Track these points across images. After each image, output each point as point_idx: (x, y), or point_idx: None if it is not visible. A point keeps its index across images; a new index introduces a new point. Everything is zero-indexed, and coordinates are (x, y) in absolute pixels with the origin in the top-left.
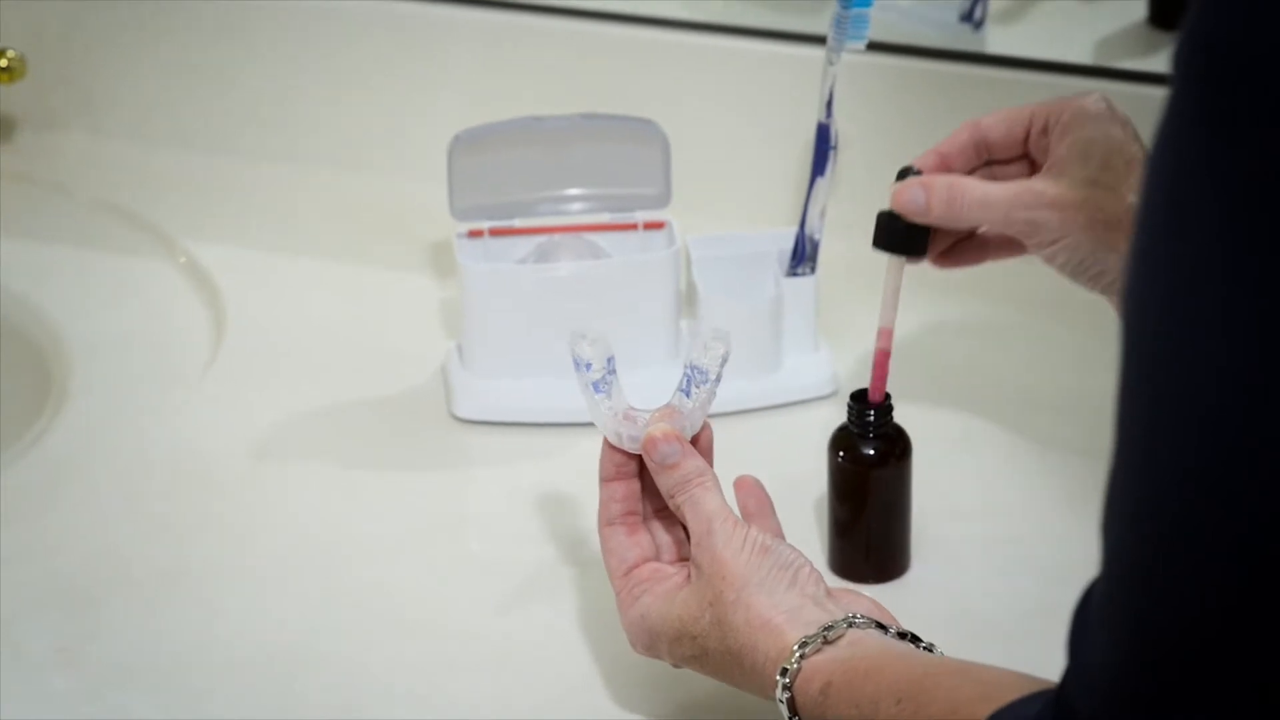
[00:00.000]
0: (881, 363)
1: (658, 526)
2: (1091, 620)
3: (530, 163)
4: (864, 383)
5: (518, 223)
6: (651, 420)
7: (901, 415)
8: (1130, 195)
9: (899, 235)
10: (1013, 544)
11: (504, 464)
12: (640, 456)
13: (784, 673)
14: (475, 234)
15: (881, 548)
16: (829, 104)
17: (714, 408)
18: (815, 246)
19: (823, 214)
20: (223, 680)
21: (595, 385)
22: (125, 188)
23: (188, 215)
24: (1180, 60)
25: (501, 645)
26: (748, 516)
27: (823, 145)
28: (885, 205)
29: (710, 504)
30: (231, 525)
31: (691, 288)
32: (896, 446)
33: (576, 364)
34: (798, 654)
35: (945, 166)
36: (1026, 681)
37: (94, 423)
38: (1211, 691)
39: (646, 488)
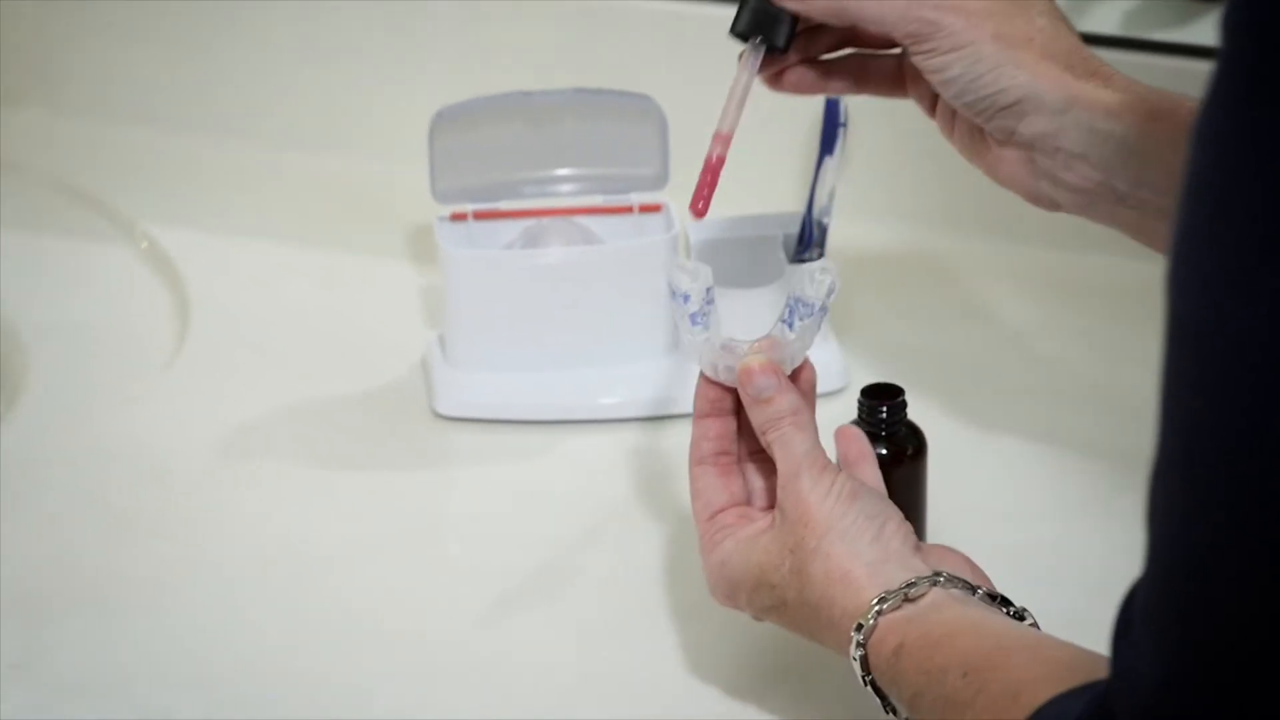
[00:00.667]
0: (712, 171)
1: (752, 470)
2: (1135, 621)
3: (518, 141)
4: (877, 376)
5: (504, 205)
6: (750, 351)
7: (916, 412)
8: (1039, 18)
9: (762, 19)
10: (1039, 552)
11: (488, 464)
12: (737, 392)
13: (859, 628)
14: (458, 217)
15: None
16: None
17: None
18: (823, 231)
19: (831, 196)
20: (187, 696)
21: (693, 317)
22: (83, 167)
23: (150, 197)
24: (1227, 35)
25: (485, 658)
26: (847, 466)
27: (831, 122)
28: (900, 188)
29: (801, 444)
30: (196, 529)
31: None
32: (910, 446)
33: (674, 295)
34: (875, 610)
35: None
36: (1097, 664)
37: (48, 418)
38: (1267, 706)
39: (743, 428)
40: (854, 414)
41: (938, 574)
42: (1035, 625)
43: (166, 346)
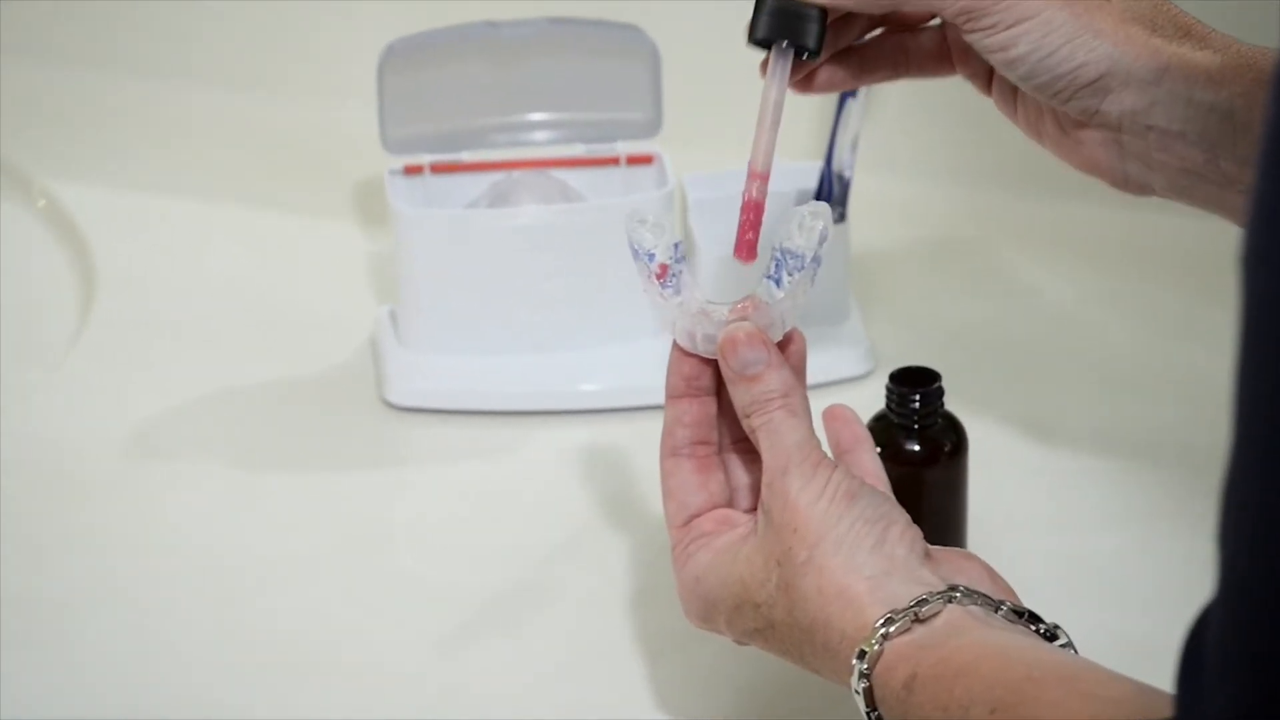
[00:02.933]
0: (751, 214)
1: (735, 463)
2: (1206, 656)
3: (482, 81)
4: (909, 359)
5: (466, 156)
6: (731, 315)
7: (954, 402)
8: None
9: (785, 20)
10: (1091, 563)
11: (448, 462)
12: (717, 365)
13: (861, 656)
14: (413, 170)
15: None
16: None
17: None
18: (845, 186)
19: (854, 146)
20: None
21: (660, 278)
22: None
23: (47, 147)
24: None
25: (442, 691)
26: (840, 454)
27: None
28: (934, 137)
29: (793, 433)
30: (102, 541)
31: (688, 239)
32: (948, 441)
33: (636, 253)
34: (880, 633)
35: None
36: (1144, 699)
37: None
38: None
39: (725, 409)
40: (881, 403)
41: (953, 588)
42: (1070, 645)
43: (68, 325)
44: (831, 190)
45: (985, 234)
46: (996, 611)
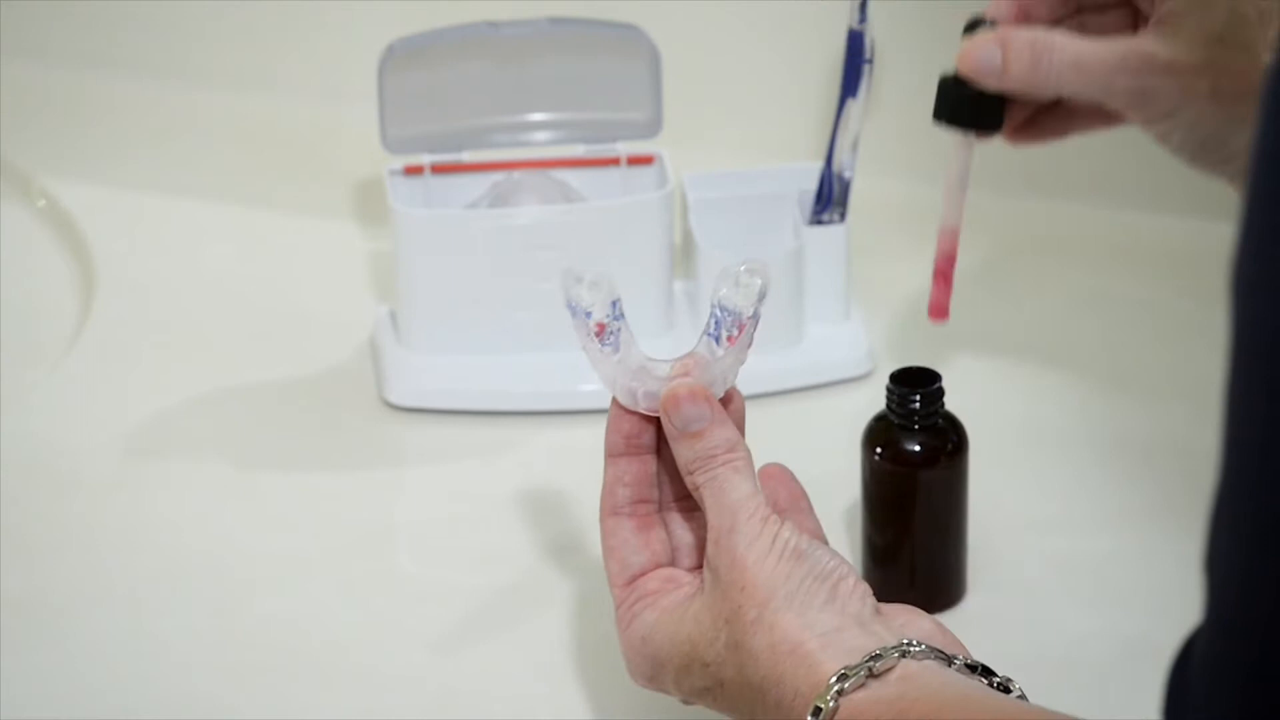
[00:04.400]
0: (944, 272)
1: (677, 521)
2: (1194, 685)
3: (483, 81)
4: (907, 359)
5: (467, 156)
6: (673, 373)
7: (955, 402)
8: (1266, 53)
9: (966, 105)
10: (1091, 563)
11: (448, 462)
12: (659, 422)
13: (816, 713)
14: (413, 171)
15: (929, 569)
16: (863, 5)
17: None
18: (845, 187)
19: (855, 145)
20: None
21: (599, 336)
22: None
23: (47, 147)
24: None
25: (444, 691)
26: (777, 514)
27: (855, 58)
28: (935, 137)
29: (737, 491)
30: (101, 540)
31: (688, 239)
32: (949, 441)
33: (573, 311)
34: (835, 689)
35: (1025, 16)
36: None
37: None
38: None
39: (665, 467)
40: (881, 403)
41: (906, 642)
42: (1023, 697)
43: (66, 324)
44: (831, 190)
45: (985, 234)
46: (950, 665)
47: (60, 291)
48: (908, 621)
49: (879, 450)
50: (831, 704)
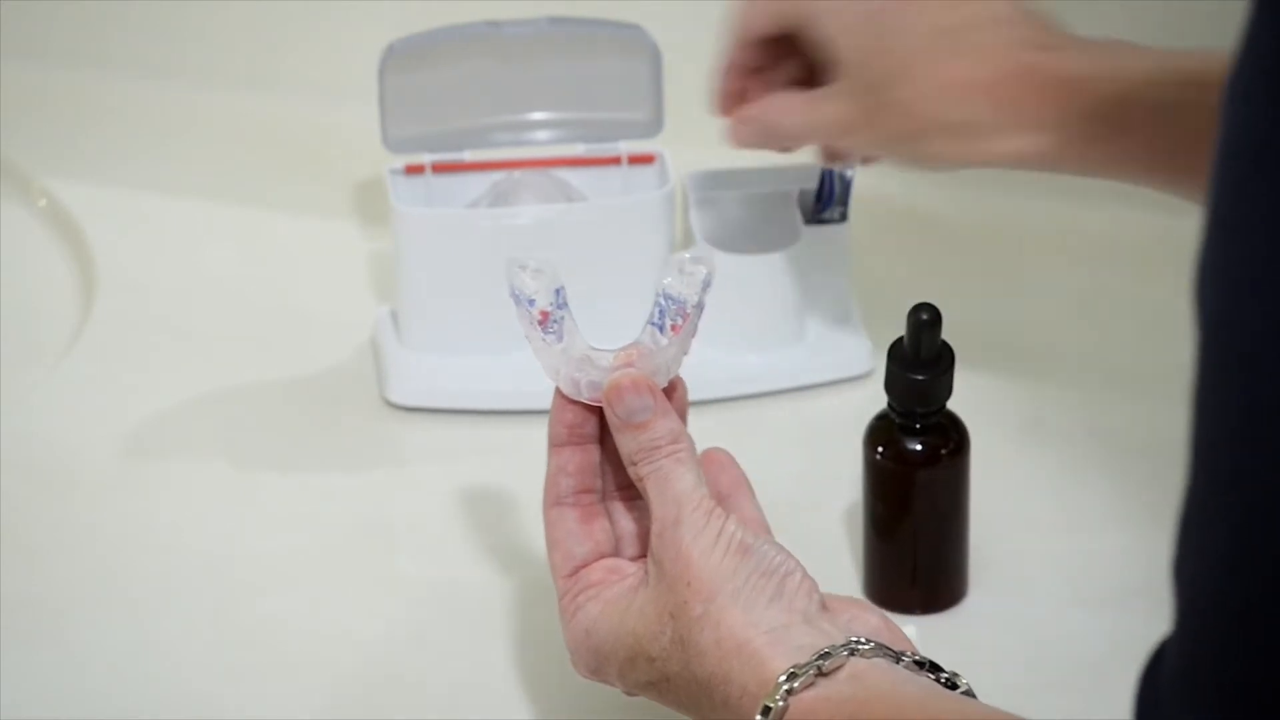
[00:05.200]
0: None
1: (620, 510)
2: (1164, 697)
3: (484, 80)
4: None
5: (468, 156)
6: (616, 363)
7: (958, 401)
8: (911, 86)
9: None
10: (1091, 563)
11: (449, 462)
12: (601, 413)
13: (766, 712)
14: (414, 170)
15: (931, 568)
16: None
17: (717, 390)
18: (847, 186)
19: None
20: None
21: (542, 325)
22: None
23: (47, 147)
24: None
25: (445, 691)
26: (719, 500)
27: None
28: None
29: (682, 482)
30: (101, 540)
31: (689, 238)
32: (950, 440)
33: (517, 299)
34: (784, 688)
35: (745, 79)
36: None
37: None
38: None
39: (609, 458)
40: (882, 403)
41: (854, 640)
42: (970, 693)
43: (67, 324)
44: (833, 190)
45: (986, 234)
46: (898, 662)
47: (60, 291)
48: (854, 617)
49: (880, 449)
50: (781, 703)
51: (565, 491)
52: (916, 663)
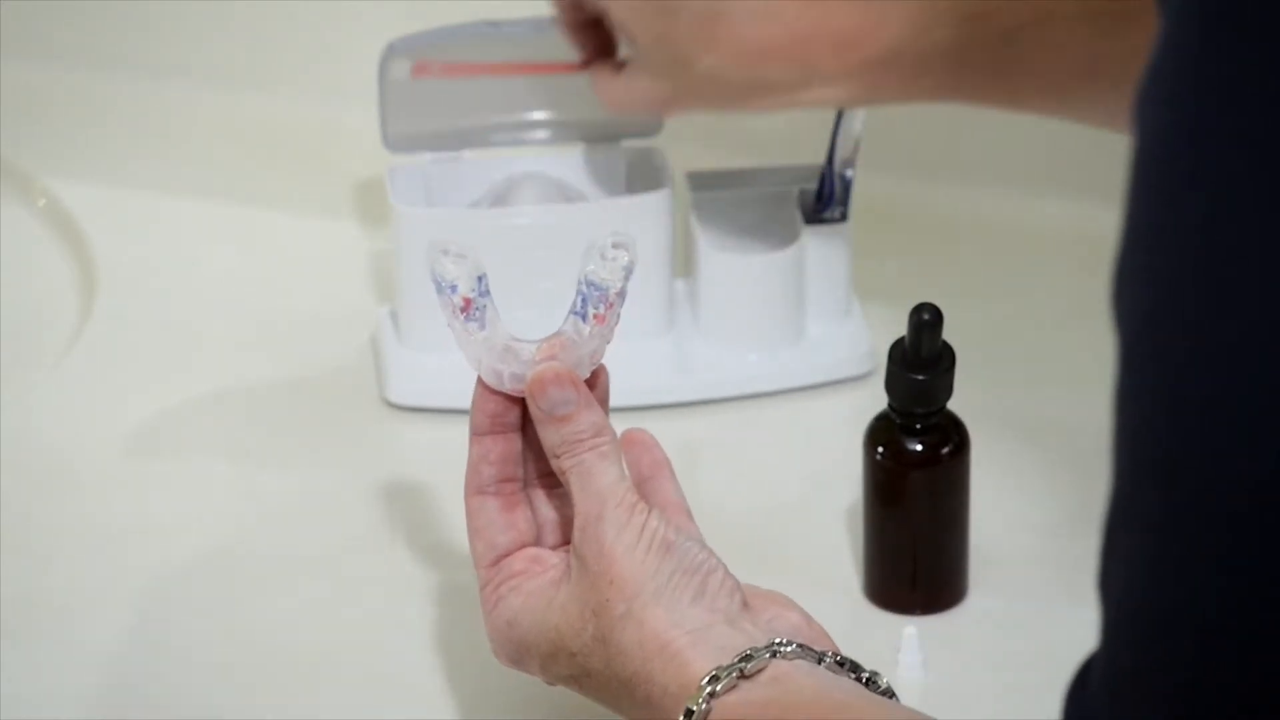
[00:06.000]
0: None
1: (541, 498)
2: (1091, 710)
3: (484, 80)
4: None
5: (468, 156)
6: (539, 355)
7: (958, 401)
8: (709, 57)
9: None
10: (1091, 563)
11: (450, 462)
12: (524, 402)
13: (689, 715)
14: (422, 72)
15: (931, 569)
16: None
17: (717, 390)
18: (847, 186)
19: (857, 144)
20: None
21: (464, 313)
22: None
23: (47, 147)
24: None
25: (445, 691)
26: (641, 482)
27: None
28: (938, 136)
29: (604, 477)
30: (102, 540)
31: (689, 238)
32: (951, 440)
33: (439, 286)
34: (706, 691)
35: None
36: None
37: None
38: None
39: (530, 446)
40: (882, 402)
41: (777, 642)
42: (891, 693)
43: (67, 324)
44: (833, 191)
45: (986, 234)
46: (820, 663)
47: (60, 291)
48: (776, 615)
49: (880, 449)
50: (704, 705)
51: (487, 480)
52: (838, 662)
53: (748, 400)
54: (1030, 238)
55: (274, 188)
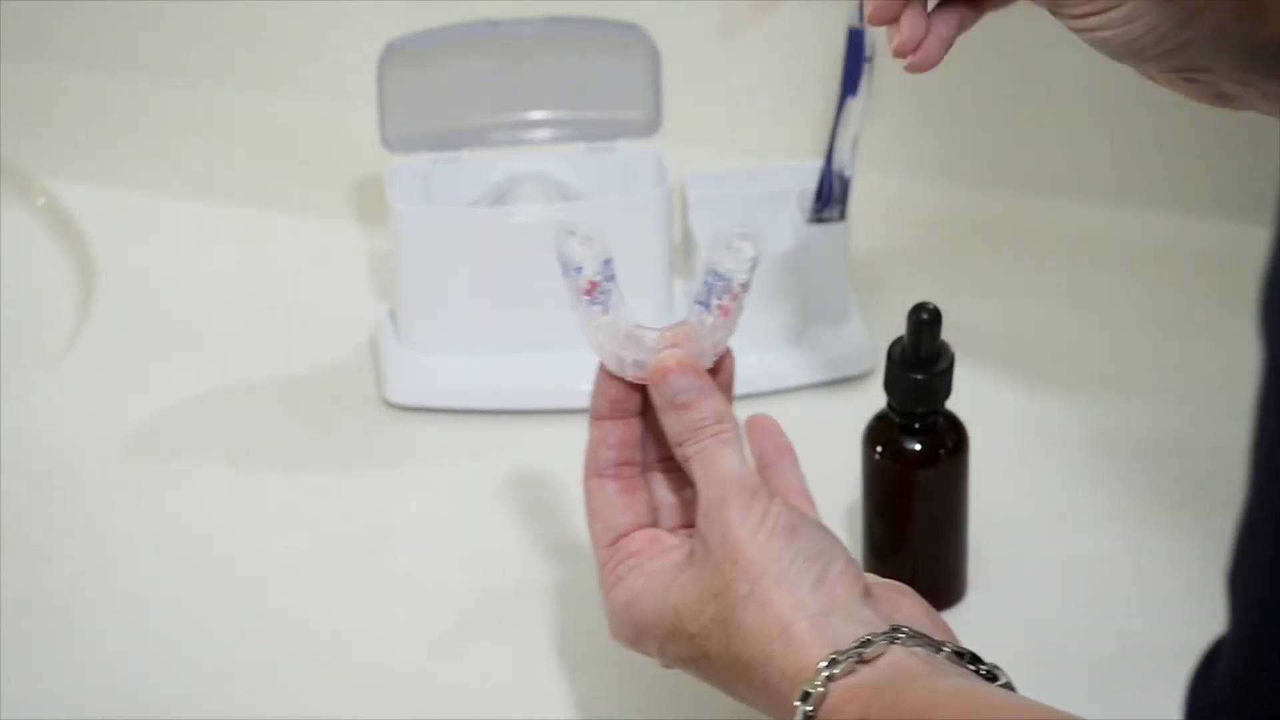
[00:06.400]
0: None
1: (660, 482)
2: (1217, 701)
3: (483, 79)
4: None
5: (467, 155)
6: (663, 343)
7: (957, 401)
8: None
9: None
10: (1096, 565)
11: (449, 461)
12: (644, 388)
13: (805, 697)
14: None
15: (931, 568)
16: (863, 4)
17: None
18: (846, 185)
19: (855, 144)
20: None
21: (589, 295)
22: None
23: (47, 146)
24: None
25: (444, 691)
26: (764, 468)
27: (855, 56)
28: (937, 135)
29: (727, 463)
30: (102, 540)
31: (688, 238)
32: (950, 440)
33: (565, 267)
34: (824, 674)
35: None
36: None
37: None
38: None
39: (650, 430)
40: (882, 402)
41: (896, 629)
42: (1010, 686)
43: (67, 324)
44: (832, 190)
45: (986, 234)
46: (938, 653)
47: (60, 291)
48: (896, 604)
49: (879, 449)
50: (820, 689)
51: (605, 464)
52: (957, 653)
53: (747, 400)
54: (1030, 237)
55: (274, 188)
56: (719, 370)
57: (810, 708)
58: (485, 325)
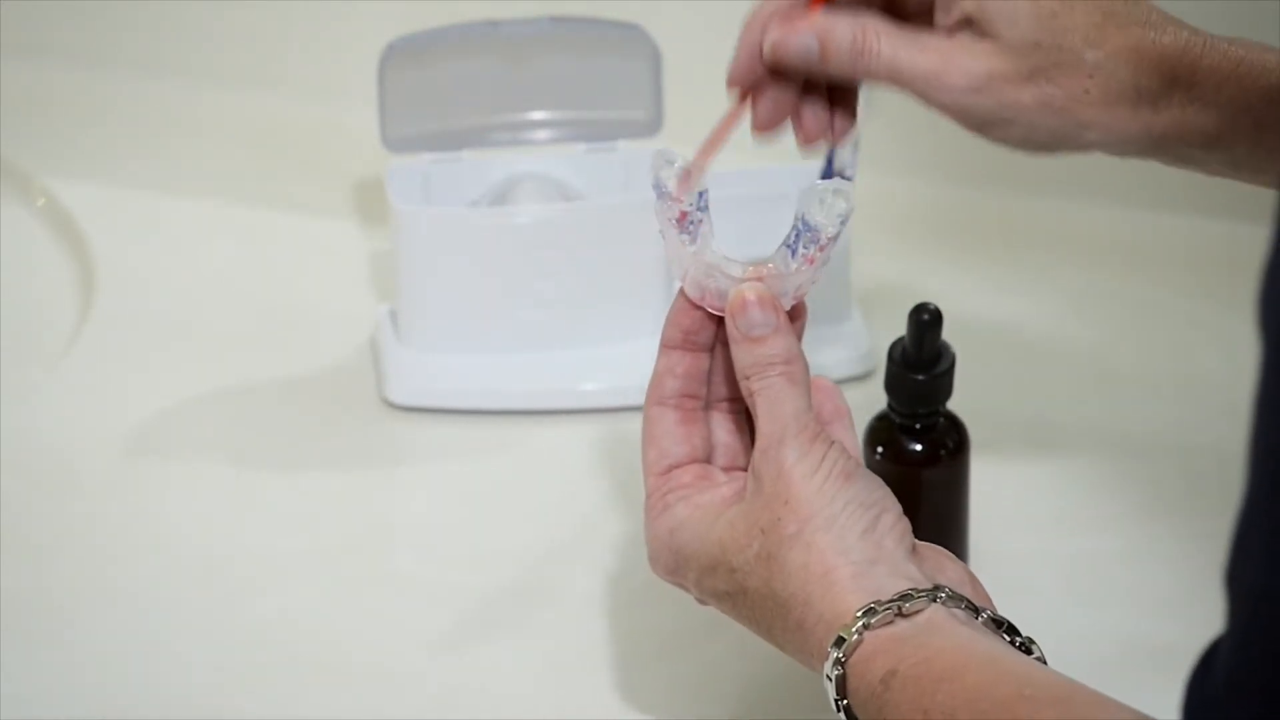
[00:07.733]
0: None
1: (720, 421)
2: (1216, 698)
3: (484, 80)
4: None
5: (467, 155)
6: (745, 276)
7: (957, 401)
8: (1090, 51)
9: None
10: (1091, 563)
11: (449, 462)
12: (718, 324)
13: (839, 643)
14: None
15: None
16: None
17: None
18: None
19: (856, 145)
20: None
21: (679, 224)
22: None
23: (47, 146)
24: None
25: (445, 691)
26: (821, 425)
27: None
28: (935, 137)
29: (792, 403)
30: (102, 539)
31: None
32: (950, 440)
33: (659, 193)
34: (860, 623)
35: None
36: None
37: None
38: None
39: (717, 369)
40: (882, 402)
41: (938, 587)
42: (1043, 659)
43: (67, 324)
44: None
45: (986, 234)
46: (977, 617)
47: (60, 291)
48: (940, 565)
49: (880, 449)
50: (855, 636)
51: (669, 393)
52: (995, 620)
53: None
54: (1030, 238)
55: (274, 187)
56: (795, 316)
57: (842, 654)
58: (485, 325)
